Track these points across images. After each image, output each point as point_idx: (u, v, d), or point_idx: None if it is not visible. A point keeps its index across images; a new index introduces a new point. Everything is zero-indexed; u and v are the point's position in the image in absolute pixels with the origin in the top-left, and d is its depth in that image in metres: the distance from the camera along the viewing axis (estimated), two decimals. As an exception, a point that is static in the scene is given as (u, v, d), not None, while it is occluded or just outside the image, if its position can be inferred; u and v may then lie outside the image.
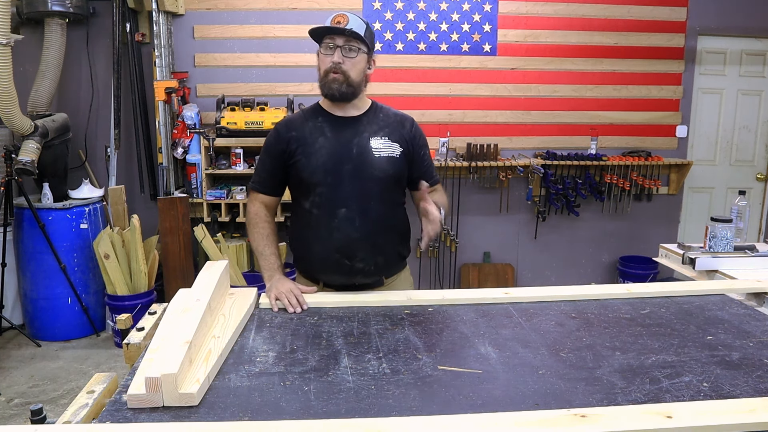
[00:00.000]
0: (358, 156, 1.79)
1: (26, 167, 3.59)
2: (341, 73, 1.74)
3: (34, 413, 1.07)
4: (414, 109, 4.46)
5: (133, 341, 1.39)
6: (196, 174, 4.14)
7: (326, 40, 1.76)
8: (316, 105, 1.90)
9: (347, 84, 1.76)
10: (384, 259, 1.86)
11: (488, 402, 1.11)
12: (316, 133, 1.82)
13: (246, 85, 4.32)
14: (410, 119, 1.93)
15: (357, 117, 1.85)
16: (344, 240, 1.78)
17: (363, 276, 1.83)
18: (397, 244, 1.92)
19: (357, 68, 1.77)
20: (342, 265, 1.80)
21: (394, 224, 1.88)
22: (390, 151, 1.82)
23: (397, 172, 1.83)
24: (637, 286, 1.82)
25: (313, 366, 1.27)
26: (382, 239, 1.83)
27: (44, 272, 3.85)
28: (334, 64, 1.74)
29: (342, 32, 1.72)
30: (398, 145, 1.84)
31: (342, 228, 1.78)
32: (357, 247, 1.79)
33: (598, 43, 4.52)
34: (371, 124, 1.84)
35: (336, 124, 1.83)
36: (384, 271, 1.89)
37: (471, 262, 4.70)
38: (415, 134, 1.90)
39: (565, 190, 4.52)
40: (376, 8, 4.33)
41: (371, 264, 1.82)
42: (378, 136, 1.82)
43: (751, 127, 4.85)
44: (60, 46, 3.95)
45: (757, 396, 1.12)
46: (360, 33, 1.73)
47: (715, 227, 2.17)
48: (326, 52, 1.76)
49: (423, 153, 1.92)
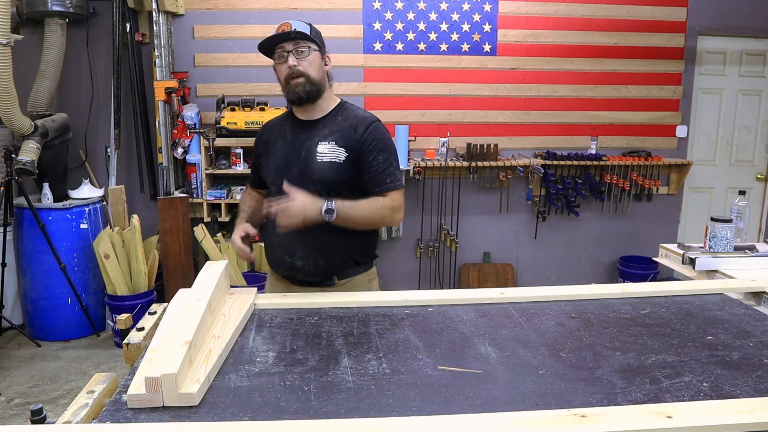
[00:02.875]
0: (304, 159, 1.83)
1: (26, 167, 3.59)
2: (300, 75, 1.78)
3: (34, 413, 1.07)
4: (414, 109, 4.46)
5: (133, 341, 1.39)
6: (196, 174, 4.14)
7: (277, 50, 1.82)
8: (291, 109, 1.96)
9: (310, 83, 1.80)
10: (326, 261, 1.84)
11: (488, 402, 1.11)
12: (278, 135, 1.92)
13: (246, 85, 4.32)
14: (367, 123, 1.84)
15: (315, 120, 1.88)
16: (283, 237, 1.78)
17: (303, 274, 1.86)
18: (347, 249, 1.87)
19: (314, 66, 1.81)
20: (283, 260, 1.87)
21: (340, 229, 1.78)
22: (333, 155, 1.80)
23: (338, 178, 1.80)
24: (634, 286, 1.82)
25: (313, 366, 1.27)
26: (324, 241, 1.80)
27: (44, 272, 3.85)
28: (291, 68, 1.78)
29: (288, 36, 1.78)
30: (344, 150, 1.81)
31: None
32: (296, 245, 1.82)
33: (598, 43, 4.52)
34: (325, 128, 1.85)
35: (296, 127, 1.90)
36: (332, 272, 1.88)
37: (471, 262, 4.70)
38: (366, 139, 1.81)
39: (565, 190, 4.52)
40: (376, 8, 4.33)
41: (310, 264, 1.84)
42: (326, 140, 1.83)
43: (751, 127, 4.85)
44: (60, 46, 3.95)
45: (757, 396, 1.12)
46: (305, 32, 1.79)
47: (715, 227, 2.16)
48: (280, 61, 1.82)
49: (371, 158, 1.81)
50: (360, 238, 1.88)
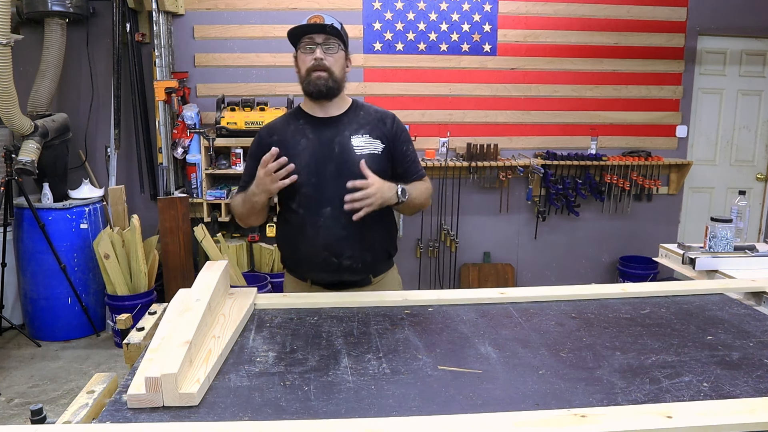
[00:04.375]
0: (340, 155, 1.80)
1: (26, 167, 3.59)
2: (325, 70, 1.77)
3: (34, 413, 1.07)
4: (414, 109, 4.46)
5: (133, 341, 1.39)
6: (196, 174, 4.14)
7: (305, 40, 1.79)
8: (297, 108, 1.94)
9: (332, 79, 1.79)
10: (372, 256, 1.86)
11: (488, 402, 1.11)
12: (298, 135, 1.85)
13: (246, 85, 4.32)
14: (391, 115, 1.93)
15: (338, 116, 1.87)
16: (331, 237, 1.78)
17: (350, 273, 1.84)
18: (385, 241, 1.92)
19: (338, 64, 1.81)
20: (330, 263, 1.81)
21: (380, 221, 1.85)
22: (371, 148, 1.82)
23: (380, 169, 1.81)
24: (634, 286, 1.81)
25: (313, 366, 1.27)
26: (370, 236, 1.83)
27: (44, 272, 3.85)
28: (317, 61, 1.76)
29: (323, 29, 1.76)
30: (380, 141, 1.84)
31: (328, 226, 1.79)
32: (344, 244, 1.80)
33: (598, 43, 4.52)
34: (352, 123, 1.85)
35: (317, 124, 1.86)
36: (372, 269, 1.89)
37: (471, 262, 4.70)
38: (396, 130, 1.89)
39: (565, 190, 4.52)
40: (376, 8, 4.33)
41: (359, 261, 1.83)
42: (359, 134, 1.83)
43: (751, 127, 4.85)
44: (60, 46, 3.95)
45: (757, 396, 1.12)
46: (338, 29, 1.77)
47: (715, 227, 2.16)
48: (306, 52, 1.79)
49: (405, 149, 1.90)
50: (390, 231, 1.94)
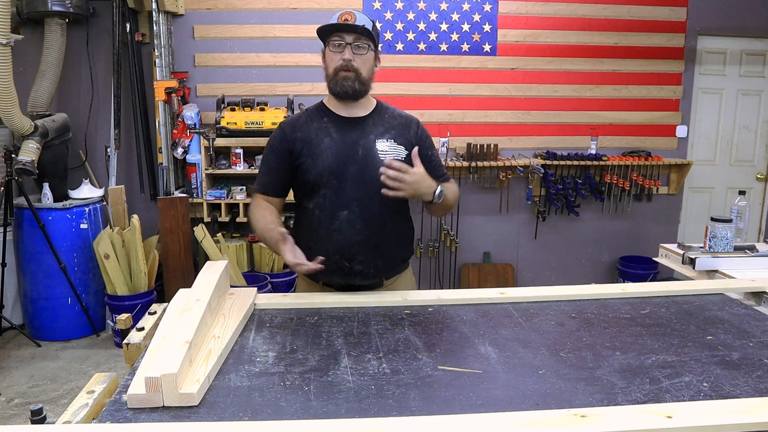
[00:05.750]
0: (363, 158, 1.77)
1: (26, 167, 3.59)
2: (352, 71, 1.73)
3: (34, 413, 1.07)
4: (414, 109, 4.46)
5: (133, 341, 1.39)
6: (196, 174, 4.14)
7: (334, 38, 1.74)
8: (321, 104, 1.88)
9: (359, 81, 1.75)
10: (384, 262, 1.85)
11: (488, 402, 1.11)
12: (321, 133, 1.79)
13: (246, 85, 4.32)
14: (416, 120, 1.92)
15: (363, 117, 1.83)
16: (344, 242, 1.77)
17: (362, 278, 1.82)
18: (398, 247, 1.91)
19: (367, 65, 1.77)
20: (341, 266, 1.79)
21: (395, 227, 1.85)
22: (395, 154, 1.79)
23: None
24: (634, 286, 1.81)
25: (313, 366, 1.27)
26: (383, 242, 1.81)
27: (44, 272, 3.85)
28: (345, 61, 1.72)
29: (354, 29, 1.71)
30: (404, 148, 1.82)
31: (343, 230, 1.77)
32: (357, 249, 1.78)
33: (598, 43, 4.52)
34: (377, 126, 1.83)
35: (342, 124, 1.81)
36: (384, 273, 1.88)
37: (471, 262, 4.70)
38: (421, 136, 1.88)
39: (565, 190, 4.52)
40: (376, 8, 4.33)
41: (371, 266, 1.81)
42: (384, 138, 1.81)
43: (751, 127, 4.85)
44: (60, 46, 3.95)
45: (757, 396, 1.12)
46: (369, 30, 1.72)
47: (715, 227, 2.17)
48: (335, 50, 1.74)
49: (429, 154, 1.89)
50: (405, 238, 1.93)
